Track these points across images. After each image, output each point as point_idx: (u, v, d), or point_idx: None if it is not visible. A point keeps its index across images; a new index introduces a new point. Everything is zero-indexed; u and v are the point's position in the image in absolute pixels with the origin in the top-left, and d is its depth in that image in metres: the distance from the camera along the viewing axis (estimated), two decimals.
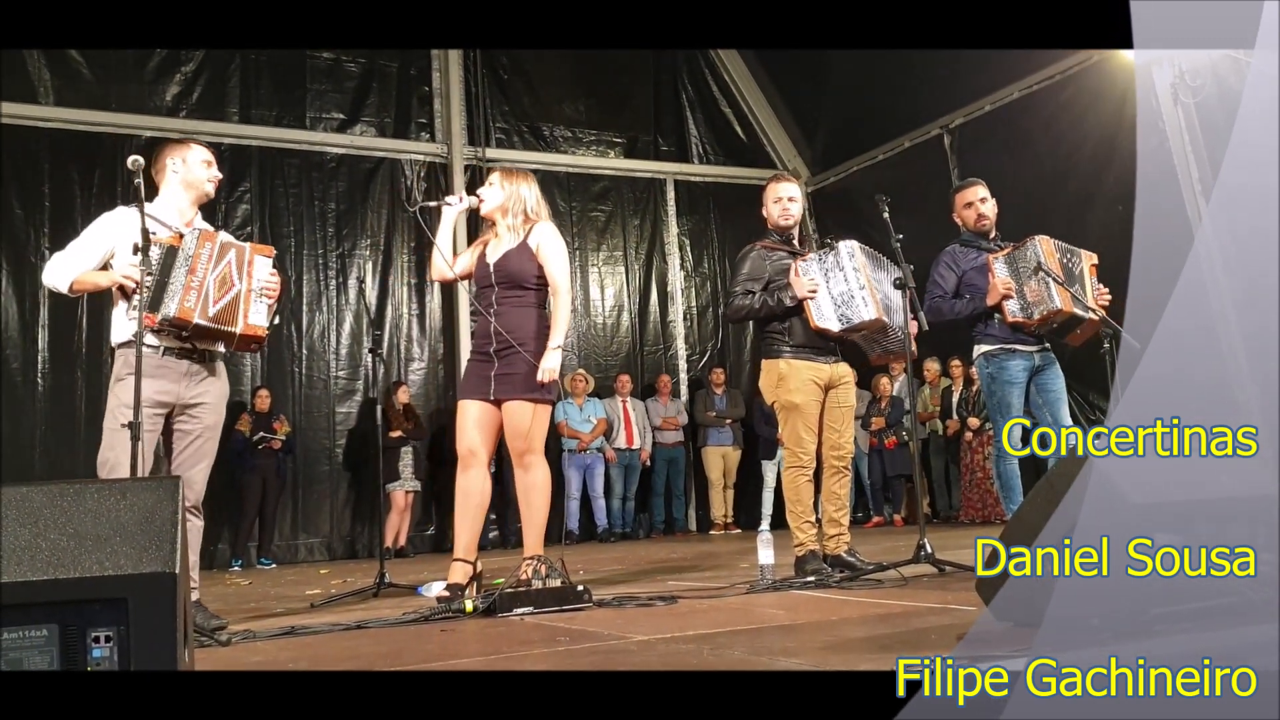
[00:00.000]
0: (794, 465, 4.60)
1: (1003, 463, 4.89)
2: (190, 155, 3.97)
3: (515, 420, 4.25)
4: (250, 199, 9.52)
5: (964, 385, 9.49)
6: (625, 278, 11.12)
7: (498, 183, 4.49)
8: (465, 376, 4.47)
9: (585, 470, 10.06)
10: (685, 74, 11.72)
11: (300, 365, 9.52)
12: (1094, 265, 4.91)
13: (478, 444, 4.31)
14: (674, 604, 3.76)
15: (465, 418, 4.33)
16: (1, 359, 8.40)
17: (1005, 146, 9.10)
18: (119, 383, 3.69)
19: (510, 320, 4.29)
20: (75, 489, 1.77)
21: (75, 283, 3.75)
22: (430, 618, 3.63)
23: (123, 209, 3.87)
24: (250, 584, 6.75)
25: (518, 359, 4.23)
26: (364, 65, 10.23)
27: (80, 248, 3.80)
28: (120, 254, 3.74)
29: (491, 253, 4.43)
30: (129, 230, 3.70)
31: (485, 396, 4.28)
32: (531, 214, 4.45)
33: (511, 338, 4.25)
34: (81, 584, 1.64)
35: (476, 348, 4.42)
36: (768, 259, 4.75)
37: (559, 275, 4.36)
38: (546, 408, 4.33)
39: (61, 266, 3.78)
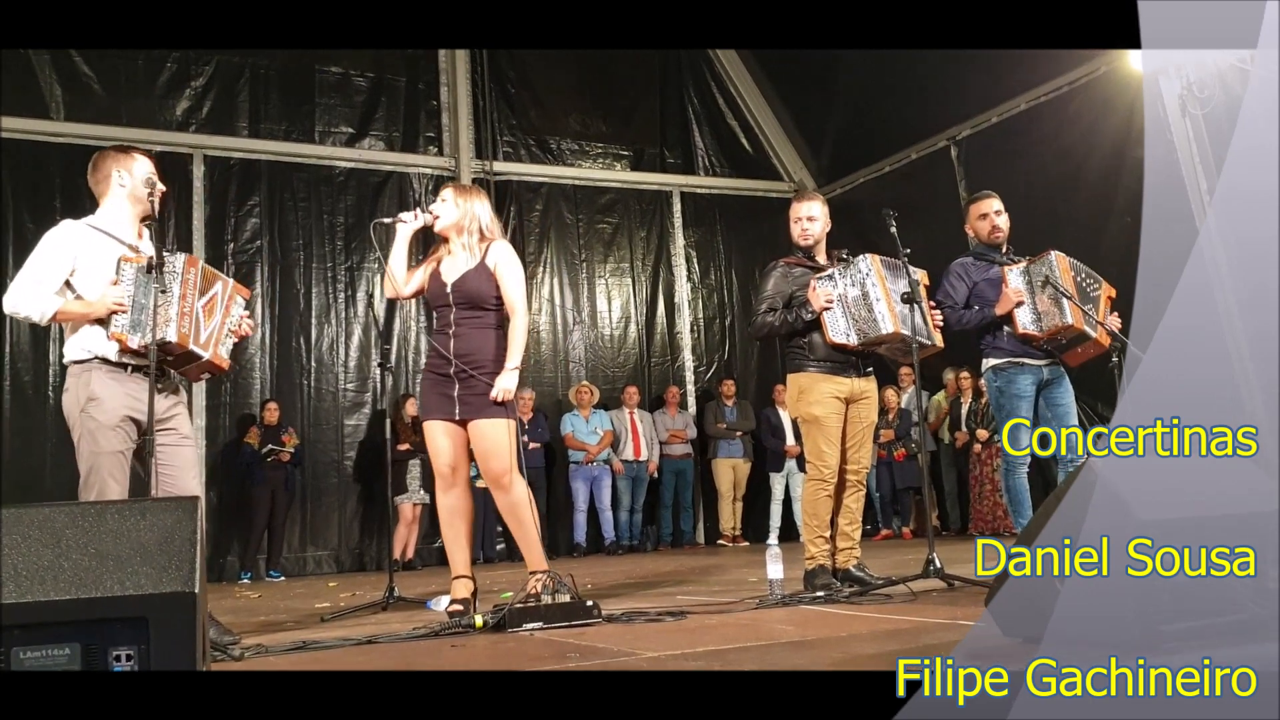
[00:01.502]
0: (815, 479, 4.60)
1: (1011, 477, 4.89)
2: (136, 167, 3.83)
3: (488, 440, 4.21)
4: (259, 213, 9.57)
5: (973, 397, 9.50)
6: (632, 289, 11.14)
7: (451, 199, 4.43)
8: (425, 395, 4.39)
9: (592, 482, 10.06)
10: (691, 86, 11.76)
11: (309, 378, 9.55)
12: (1110, 296, 4.91)
13: (456, 461, 4.31)
14: (683, 619, 3.76)
15: (436, 437, 4.31)
16: (13, 372, 8.45)
17: (1013, 158, 9.10)
18: (92, 403, 3.58)
19: (471, 342, 4.26)
20: (96, 509, 1.80)
21: (59, 313, 3.61)
22: (440, 633, 3.65)
23: (69, 223, 3.72)
24: (259, 597, 6.77)
25: (479, 381, 4.21)
26: (372, 79, 10.29)
27: (43, 272, 3.61)
28: (83, 271, 3.63)
29: (447, 271, 4.38)
30: (89, 247, 3.65)
31: (450, 416, 4.26)
32: (487, 232, 4.41)
33: (473, 359, 4.22)
34: (103, 603, 1.67)
35: (434, 367, 4.34)
36: (790, 275, 4.75)
37: (516, 297, 4.34)
38: (513, 423, 4.29)
39: (32, 295, 3.59)
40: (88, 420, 3.61)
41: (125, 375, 3.65)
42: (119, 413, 3.61)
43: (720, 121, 11.85)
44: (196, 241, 9.15)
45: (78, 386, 3.65)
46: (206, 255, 8.88)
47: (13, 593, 1.66)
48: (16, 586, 1.66)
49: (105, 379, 3.62)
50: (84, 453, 3.63)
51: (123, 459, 3.64)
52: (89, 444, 3.61)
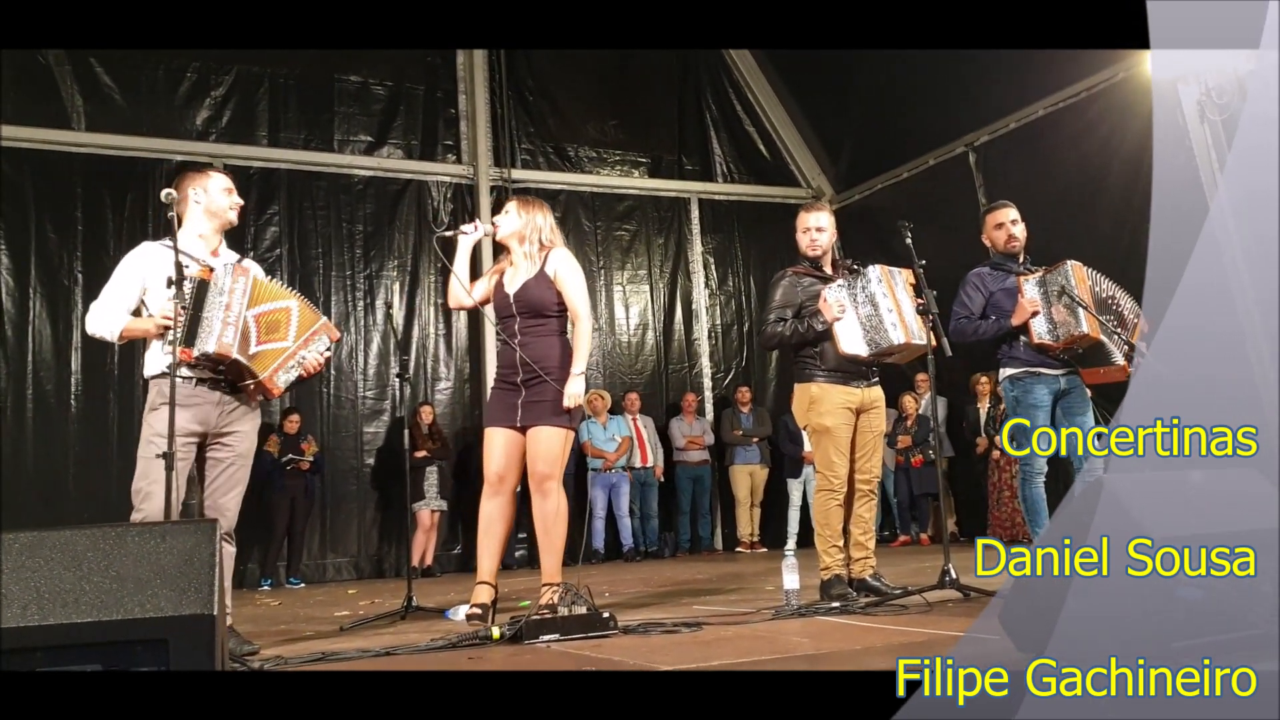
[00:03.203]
0: (825, 489, 4.62)
1: (1029, 486, 4.88)
2: (211, 184, 4.00)
3: (542, 446, 4.29)
4: (279, 221, 9.63)
5: (991, 403, 9.46)
6: (650, 296, 11.16)
7: (514, 210, 4.53)
8: (491, 405, 4.51)
9: (611, 489, 10.09)
10: (709, 93, 11.77)
11: (328, 386, 9.61)
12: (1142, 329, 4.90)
13: (506, 470, 4.37)
14: (699, 630, 3.77)
15: (493, 444, 4.40)
16: (35, 382, 8.53)
17: (1032, 164, 9.05)
18: (153, 412, 3.75)
19: (536, 350, 4.34)
20: (117, 533, 1.83)
21: (124, 331, 3.81)
22: (458, 644, 3.66)
23: (148, 244, 3.93)
24: (280, 604, 6.82)
25: (545, 387, 4.29)
26: (391, 88, 10.34)
27: (116, 293, 3.84)
28: (152, 290, 3.81)
29: (509, 281, 4.47)
30: (157, 266, 3.79)
31: (512, 424, 4.34)
32: (546, 241, 4.49)
33: (538, 367, 4.30)
34: (124, 625, 1.70)
35: (502, 377, 4.45)
36: (799, 285, 4.77)
37: (579, 302, 4.41)
38: (571, 434, 4.39)
39: (104, 316, 3.82)
40: (147, 429, 3.76)
41: (190, 388, 3.76)
42: (179, 424, 3.68)
43: (738, 128, 11.85)
44: None
45: (150, 398, 3.80)
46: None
47: (36, 615, 1.69)
48: (40, 609, 1.70)
49: (167, 391, 3.70)
50: (141, 455, 3.74)
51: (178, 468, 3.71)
52: (144, 450, 3.73)
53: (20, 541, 1.77)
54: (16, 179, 8.65)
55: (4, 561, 1.72)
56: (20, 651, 1.64)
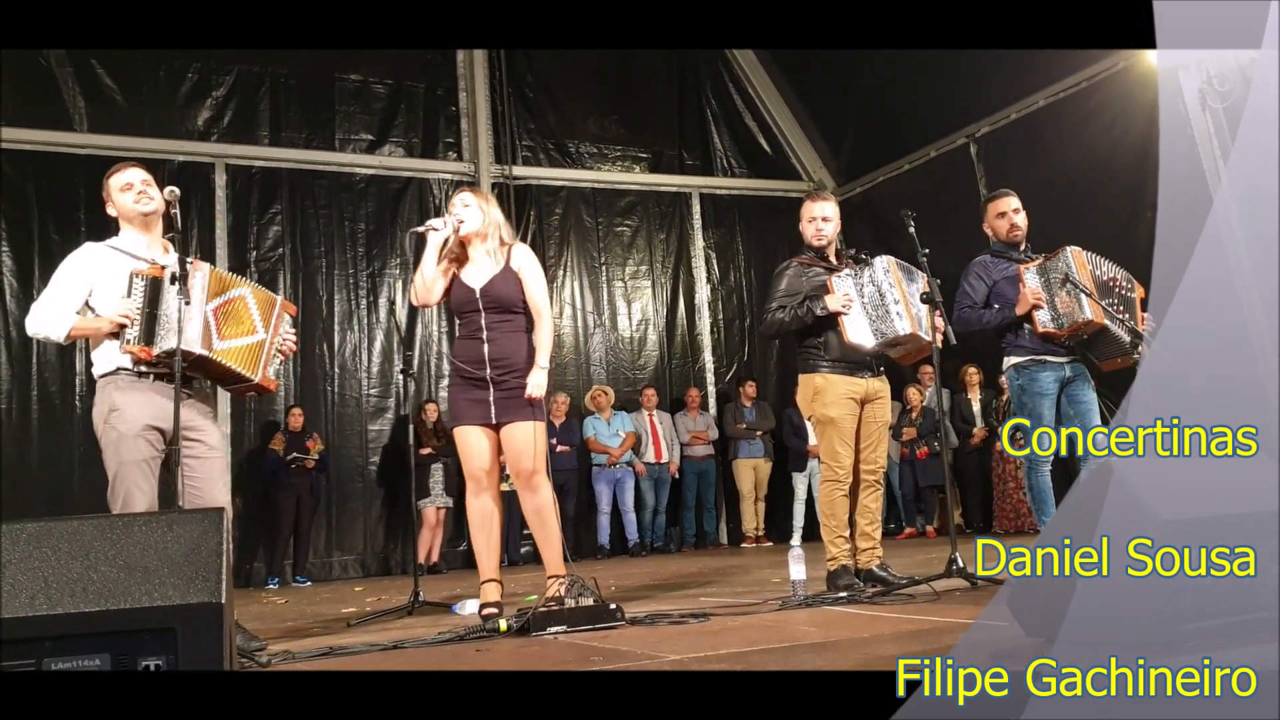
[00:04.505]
0: (830, 479, 4.61)
1: (1034, 475, 4.87)
2: (110, 186, 3.91)
3: (522, 442, 4.27)
4: (281, 220, 9.64)
5: (986, 394, 9.44)
6: (652, 291, 11.16)
7: (475, 205, 4.45)
8: (456, 401, 4.42)
9: (615, 484, 10.09)
10: (709, 87, 11.76)
11: (333, 384, 9.61)
12: (1141, 297, 4.90)
13: (489, 466, 4.36)
14: (706, 621, 3.77)
15: (470, 442, 4.35)
16: (40, 382, 8.55)
17: (1034, 155, 9.04)
18: (114, 413, 3.67)
19: (505, 346, 4.33)
20: (124, 522, 1.83)
21: (72, 331, 3.72)
22: (465, 637, 3.67)
23: (88, 245, 3.85)
24: (286, 602, 6.82)
25: (518, 383, 4.28)
26: (391, 86, 10.35)
27: (61, 293, 3.73)
28: (99, 291, 3.72)
29: (471, 276, 4.41)
30: (104, 267, 3.74)
31: (486, 421, 4.31)
32: (507, 237, 4.49)
33: (509, 362, 4.29)
34: (132, 615, 1.70)
35: (465, 372, 4.35)
36: (804, 275, 4.75)
37: (540, 300, 4.42)
38: (543, 425, 4.38)
39: (48, 316, 3.72)
40: (110, 431, 3.70)
41: (147, 385, 3.71)
42: (140, 421, 3.67)
43: (738, 122, 11.84)
44: (220, 250, 9.24)
45: (102, 399, 3.74)
46: (229, 264, 8.96)
47: (43, 604, 1.69)
48: (47, 599, 1.70)
49: (126, 390, 3.69)
50: (109, 463, 3.72)
51: (147, 468, 3.70)
52: (113, 454, 3.70)
53: (27, 531, 1.77)
54: (19, 180, 8.68)
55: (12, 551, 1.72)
56: (28, 641, 1.64)
